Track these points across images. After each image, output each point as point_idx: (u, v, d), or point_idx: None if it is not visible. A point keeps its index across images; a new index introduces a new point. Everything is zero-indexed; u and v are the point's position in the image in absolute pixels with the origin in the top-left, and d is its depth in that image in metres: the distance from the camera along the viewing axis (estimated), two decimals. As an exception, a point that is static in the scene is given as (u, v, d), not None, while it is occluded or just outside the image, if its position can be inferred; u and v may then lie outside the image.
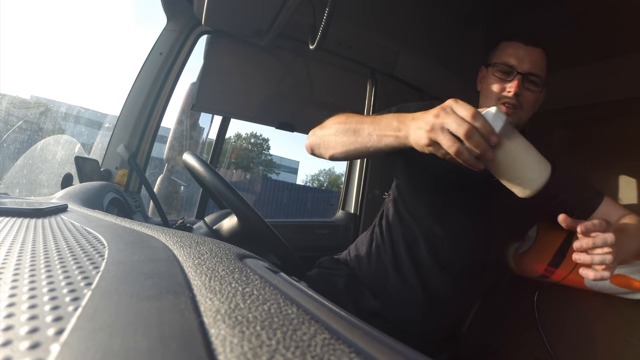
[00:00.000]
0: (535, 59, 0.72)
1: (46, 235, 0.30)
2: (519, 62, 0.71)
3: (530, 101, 0.72)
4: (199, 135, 1.51)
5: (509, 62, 0.72)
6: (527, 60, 0.71)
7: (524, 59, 0.71)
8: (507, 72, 0.72)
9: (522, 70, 0.71)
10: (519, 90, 0.70)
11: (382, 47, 1.46)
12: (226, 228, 0.73)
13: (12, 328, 0.13)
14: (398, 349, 0.16)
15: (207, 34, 1.23)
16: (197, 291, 0.17)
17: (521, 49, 0.72)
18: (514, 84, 0.70)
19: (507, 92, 0.71)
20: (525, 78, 0.71)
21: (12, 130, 1.27)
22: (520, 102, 0.71)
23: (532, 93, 0.72)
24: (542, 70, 0.73)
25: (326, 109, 1.47)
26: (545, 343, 1.09)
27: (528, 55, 0.71)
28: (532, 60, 0.71)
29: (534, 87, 0.72)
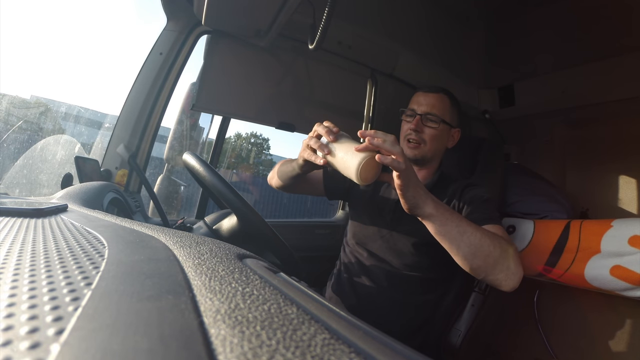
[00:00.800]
0: (432, 102, 0.88)
1: (46, 235, 0.30)
2: (418, 106, 0.89)
3: (431, 136, 0.87)
4: (199, 135, 1.51)
5: (411, 107, 0.91)
6: (424, 104, 0.89)
7: (422, 103, 0.89)
8: (411, 115, 0.90)
9: (420, 112, 0.88)
10: (416, 127, 0.87)
11: (382, 47, 1.46)
12: (226, 228, 0.73)
13: (12, 328, 0.13)
14: (398, 349, 0.16)
15: (207, 34, 1.23)
16: (197, 291, 0.17)
17: (421, 96, 0.90)
18: (413, 123, 0.87)
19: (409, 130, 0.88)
20: (424, 118, 0.87)
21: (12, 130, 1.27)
22: (422, 138, 0.87)
23: (431, 129, 0.87)
24: (440, 110, 0.88)
25: (326, 109, 1.48)
26: (545, 343, 1.09)
27: (426, 100, 0.89)
28: (429, 103, 0.88)
29: (433, 124, 0.87)
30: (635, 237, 0.88)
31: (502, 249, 0.64)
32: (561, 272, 1.01)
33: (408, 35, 1.48)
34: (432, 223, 0.63)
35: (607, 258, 0.92)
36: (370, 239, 0.91)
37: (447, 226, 0.63)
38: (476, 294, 0.99)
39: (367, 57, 1.50)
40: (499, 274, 0.64)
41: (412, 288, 0.87)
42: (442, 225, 0.63)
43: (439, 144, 0.89)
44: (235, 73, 1.25)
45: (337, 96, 1.50)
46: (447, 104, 0.90)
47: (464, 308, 0.98)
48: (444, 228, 0.63)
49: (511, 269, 0.65)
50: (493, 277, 0.65)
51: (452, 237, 0.63)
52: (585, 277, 0.95)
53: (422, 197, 0.61)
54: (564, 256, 1.01)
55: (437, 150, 0.90)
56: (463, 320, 0.96)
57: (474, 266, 0.64)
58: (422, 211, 0.62)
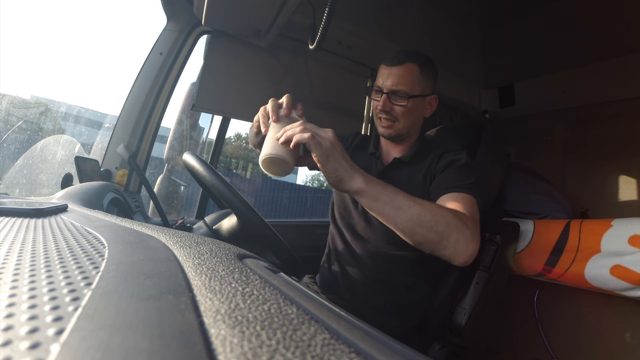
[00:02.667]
0: (398, 76, 0.81)
1: (46, 235, 0.30)
2: (383, 82, 0.83)
3: (402, 113, 0.82)
4: (199, 135, 1.51)
5: (377, 83, 0.85)
6: (389, 79, 0.82)
7: (387, 77, 0.82)
8: (378, 92, 0.84)
9: (386, 89, 0.82)
10: (384, 107, 0.82)
11: (382, 47, 1.46)
12: (226, 228, 0.73)
13: (12, 328, 0.13)
14: (398, 349, 0.16)
15: (207, 34, 1.23)
16: (197, 291, 0.17)
17: (385, 70, 0.83)
18: (381, 101, 0.83)
19: (378, 109, 0.84)
20: (390, 95, 0.82)
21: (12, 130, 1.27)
22: (393, 116, 0.83)
23: (400, 107, 0.82)
24: (408, 84, 0.81)
25: (326, 109, 1.48)
26: (545, 343, 1.10)
27: (390, 74, 0.82)
28: (395, 77, 0.81)
29: (401, 100, 0.81)
30: (635, 236, 0.89)
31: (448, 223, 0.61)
32: (561, 272, 1.01)
33: (408, 36, 1.48)
34: (363, 198, 0.60)
35: (607, 258, 0.92)
36: (354, 219, 0.91)
37: (380, 202, 0.60)
38: (481, 272, 0.99)
39: (367, 57, 1.50)
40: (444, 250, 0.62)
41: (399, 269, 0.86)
42: (374, 201, 0.60)
43: (413, 118, 0.85)
44: (235, 73, 1.25)
45: (337, 96, 1.50)
46: (415, 74, 0.82)
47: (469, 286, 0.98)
48: (377, 204, 0.60)
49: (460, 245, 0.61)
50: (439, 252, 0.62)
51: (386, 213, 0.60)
52: (586, 276, 0.95)
53: (346, 171, 0.58)
54: (564, 256, 1.01)
55: (413, 124, 0.86)
56: (468, 299, 0.96)
57: (415, 242, 0.62)
58: (348, 186, 0.59)
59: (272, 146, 0.59)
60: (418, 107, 0.85)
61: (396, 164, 0.88)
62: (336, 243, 0.95)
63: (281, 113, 0.64)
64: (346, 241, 0.92)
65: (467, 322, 0.93)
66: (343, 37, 1.37)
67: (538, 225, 1.11)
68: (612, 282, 0.90)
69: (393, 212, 0.60)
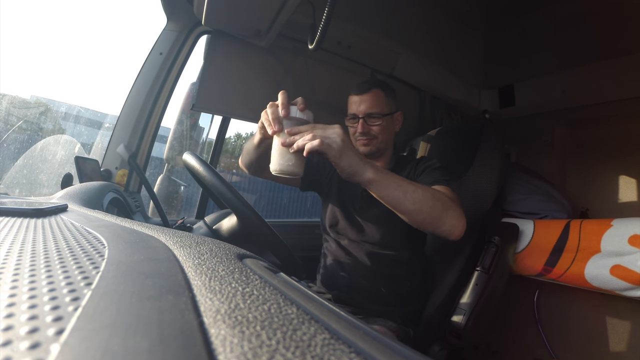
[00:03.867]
0: (369, 101, 0.92)
1: (46, 235, 0.30)
2: (357, 108, 0.93)
3: (380, 130, 0.93)
4: (199, 135, 1.51)
5: (350, 112, 0.95)
6: (362, 105, 0.93)
7: (360, 105, 0.93)
8: (353, 118, 0.95)
9: (361, 114, 0.92)
10: (363, 129, 0.92)
11: (382, 47, 1.46)
12: (226, 228, 0.73)
13: (12, 328, 0.13)
14: (398, 349, 0.16)
15: (207, 34, 1.23)
16: (197, 291, 0.17)
17: (356, 99, 0.94)
18: (359, 127, 0.93)
19: (357, 132, 0.94)
20: (366, 119, 0.92)
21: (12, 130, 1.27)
22: (372, 135, 0.93)
23: (377, 126, 0.93)
24: (378, 106, 0.93)
25: (326, 109, 1.48)
26: (545, 343, 1.10)
27: (362, 101, 0.93)
28: (366, 103, 0.92)
29: (376, 120, 0.92)
30: (635, 236, 0.89)
31: (443, 203, 0.71)
32: (561, 272, 1.01)
33: (408, 35, 1.48)
34: (375, 187, 0.66)
35: (607, 257, 0.92)
36: (346, 229, 0.97)
37: (390, 188, 0.67)
38: (480, 273, 0.99)
39: (367, 57, 1.50)
40: (444, 226, 0.72)
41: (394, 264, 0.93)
42: (385, 188, 0.67)
43: (388, 134, 0.96)
44: (235, 73, 1.25)
45: (337, 96, 1.50)
46: (382, 97, 0.93)
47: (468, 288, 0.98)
48: (387, 190, 0.67)
49: (454, 220, 0.72)
50: (439, 229, 0.72)
51: (396, 197, 0.68)
52: (586, 276, 0.95)
53: (359, 165, 0.64)
54: (564, 256, 1.01)
55: (388, 139, 0.97)
56: (467, 300, 0.96)
57: (420, 220, 0.71)
58: (361, 178, 0.65)
59: (280, 158, 0.62)
60: (390, 124, 0.96)
61: None
62: (331, 248, 0.99)
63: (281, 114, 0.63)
64: (341, 246, 0.97)
65: (466, 323, 0.93)
66: (343, 37, 1.37)
67: (538, 225, 1.11)
68: (612, 282, 0.90)
69: (402, 196, 0.68)
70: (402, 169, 0.96)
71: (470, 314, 0.94)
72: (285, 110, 0.62)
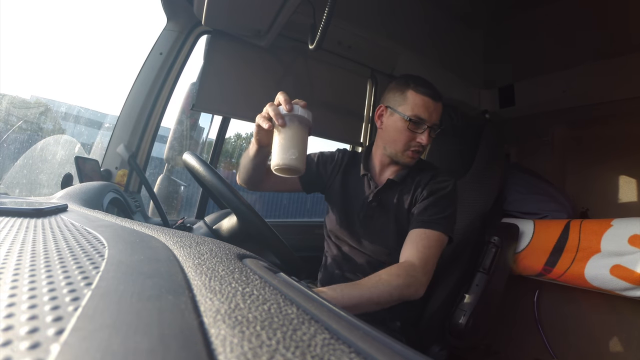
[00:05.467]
0: (439, 112, 0.85)
1: (46, 235, 0.30)
2: (429, 116, 0.83)
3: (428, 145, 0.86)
4: (199, 135, 1.51)
5: (420, 115, 0.83)
6: (434, 115, 0.84)
7: (433, 113, 0.83)
8: (418, 124, 0.83)
9: (431, 123, 0.83)
10: (428, 142, 0.84)
11: (382, 47, 1.46)
12: (226, 228, 0.73)
13: (12, 328, 0.13)
14: (398, 349, 0.16)
15: (207, 34, 1.23)
16: (197, 291, 0.17)
17: (431, 104, 0.83)
18: (425, 136, 0.83)
19: (418, 141, 0.84)
20: (432, 129, 0.84)
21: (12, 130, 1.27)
22: (423, 147, 0.85)
23: (432, 139, 0.86)
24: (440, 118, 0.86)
25: (326, 109, 1.48)
26: (545, 343, 1.10)
27: (435, 110, 0.84)
28: (438, 114, 0.85)
29: (433, 133, 0.85)
30: (635, 236, 0.89)
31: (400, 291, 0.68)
32: (561, 272, 1.01)
33: (408, 35, 1.48)
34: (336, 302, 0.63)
35: (607, 257, 0.92)
36: (347, 236, 0.93)
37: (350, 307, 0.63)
38: (480, 274, 0.99)
39: (367, 57, 1.50)
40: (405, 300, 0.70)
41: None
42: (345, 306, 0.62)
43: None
44: (235, 73, 1.25)
45: (337, 96, 1.50)
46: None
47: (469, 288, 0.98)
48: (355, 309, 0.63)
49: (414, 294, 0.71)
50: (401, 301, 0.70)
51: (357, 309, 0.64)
52: (586, 276, 0.95)
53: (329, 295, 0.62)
54: (564, 256, 1.01)
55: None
56: (467, 301, 0.96)
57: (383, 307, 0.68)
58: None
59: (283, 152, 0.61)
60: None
61: (389, 185, 0.89)
62: (332, 252, 0.97)
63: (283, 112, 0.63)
64: (341, 251, 0.95)
65: (466, 323, 0.94)
66: (343, 37, 1.37)
67: (538, 225, 1.11)
68: (612, 282, 0.90)
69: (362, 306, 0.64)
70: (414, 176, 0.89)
71: (471, 315, 0.94)
72: (289, 105, 0.62)
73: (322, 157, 1.02)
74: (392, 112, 0.86)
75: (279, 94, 0.65)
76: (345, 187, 0.97)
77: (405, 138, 0.84)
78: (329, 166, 1.00)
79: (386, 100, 0.90)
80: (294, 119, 0.63)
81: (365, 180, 0.94)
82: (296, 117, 0.63)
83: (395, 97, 0.87)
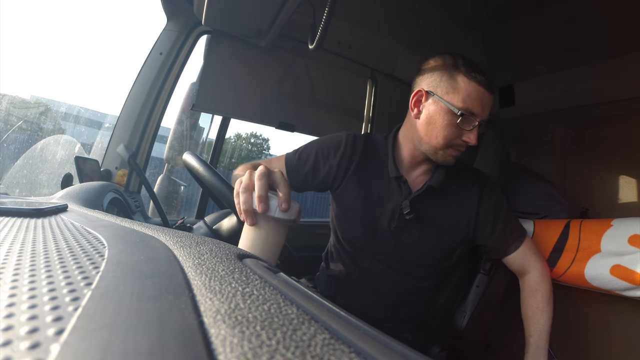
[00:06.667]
0: (491, 106, 0.71)
1: (46, 235, 0.30)
2: (482, 110, 0.68)
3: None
4: (199, 135, 1.51)
5: (473, 110, 0.68)
6: (487, 110, 0.69)
7: (486, 107, 0.69)
8: (468, 120, 0.68)
9: (483, 119, 0.69)
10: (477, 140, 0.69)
11: (382, 47, 1.46)
12: (226, 228, 0.73)
13: (12, 328, 0.13)
14: (398, 349, 0.16)
15: (207, 34, 1.23)
16: (197, 291, 0.17)
17: (486, 96, 0.68)
18: (474, 134, 0.68)
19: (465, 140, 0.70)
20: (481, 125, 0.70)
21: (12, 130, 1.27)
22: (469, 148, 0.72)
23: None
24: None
25: (326, 109, 1.48)
26: (545, 343, 1.09)
27: (489, 104, 0.70)
28: (489, 108, 0.70)
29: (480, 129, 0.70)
30: (635, 236, 0.88)
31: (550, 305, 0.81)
32: (561, 272, 1.01)
33: (408, 36, 1.48)
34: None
35: (607, 257, 0.92)
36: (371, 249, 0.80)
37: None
38: (481, 275, 0.99)
39: (367, 57, 1.50)
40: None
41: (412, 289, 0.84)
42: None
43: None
44: (235, 73, 1.25)
45: (337, 96, 1.50)
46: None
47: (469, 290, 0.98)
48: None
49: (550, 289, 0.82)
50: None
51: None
52: (586, 276, 0.95)
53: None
54: (564, 256, 1.01)
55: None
56: (468, 302, 0.96)
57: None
58: None
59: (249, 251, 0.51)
60: None
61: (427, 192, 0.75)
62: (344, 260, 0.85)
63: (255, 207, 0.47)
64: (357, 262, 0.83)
65: (467, 325, 0.93)
66: (343, 37, 1.37)
67: (538, 225, 1.11)
68: (612, 282, 0.90)
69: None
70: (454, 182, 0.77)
71: (471, 316, 0.94)
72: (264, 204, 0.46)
73: (321, 151, 0.82)
74: (437, 101, 0.69)
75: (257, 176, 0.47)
76: (365, 188, 0.79)
77: (450, 134, 0.69)
78: (333, 159, 0.81)
79: (426, 82, 0.72)
80: (269, 220, 0.48)
81: (396, 184, 0.77)
82: (272, 218, 0.47)
83: (442, 80, 0.69)
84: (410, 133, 0.76)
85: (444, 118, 0.69)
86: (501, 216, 0.79)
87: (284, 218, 0.47)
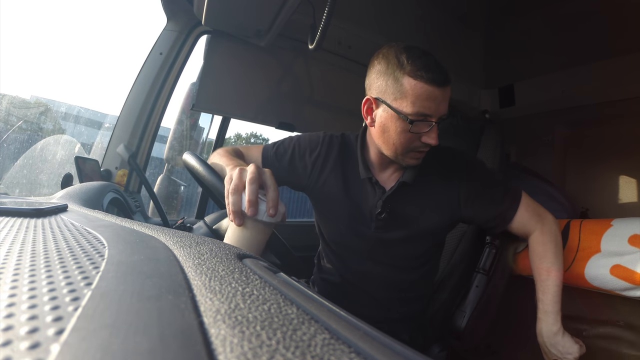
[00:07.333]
0: (447, 98, 0.65)
1: (46, 235, 0.30)
2: (437, 108, 0.63)
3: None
4: (199, 135, 1.51)
5: (425, 111, 0.62)
6: (442, 105, 0.64)
7: (441, 103, 0.64)
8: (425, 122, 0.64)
9: (439, 116, 0.64)
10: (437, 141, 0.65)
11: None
12: (226, 228, 0.73)
13: (12, 328, 0.13)
14: (398, 349, 0.16)
15: (207, 34, 1.23)
16: (197, 291, 0.17)
17: (437, 94, 0.62)
18: (433, 134, 0.64)
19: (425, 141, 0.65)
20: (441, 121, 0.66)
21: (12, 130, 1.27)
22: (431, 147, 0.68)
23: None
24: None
25: (326, 109, 1.48)
26: (545, 343, 1.09)
27: (444, 98, 0.63)
28: (446, 102, 0.65)
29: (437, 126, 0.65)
30: (635, 236, 0.88)
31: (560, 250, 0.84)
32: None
33: (408, 36, 1.48)
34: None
35: (607, 257, 0.92)
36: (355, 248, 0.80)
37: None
38: (480, 275, 0.99)
39: (367, 57, 1.50)
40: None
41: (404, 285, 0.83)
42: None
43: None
44: (235, 73, 1.25)
45: (337, 96, 1.50)
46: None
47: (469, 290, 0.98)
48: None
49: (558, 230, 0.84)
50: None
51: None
52: (586, 276, 0.95)
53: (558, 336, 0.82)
54: (564, 256, 1.01)
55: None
56: (467, 302, 0.96)
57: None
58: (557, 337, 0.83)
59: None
60: None
61: (401, 188, 0.74)
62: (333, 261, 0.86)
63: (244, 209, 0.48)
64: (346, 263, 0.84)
65: (466, 325, 0.93)
66: (343, 37, 1.37)
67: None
68: (612, 282, 0.90)
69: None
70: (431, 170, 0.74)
71: (470, 316, 0.94)
72: (253, 208, 0.48)
73: (299, 147, 0.81)
74: (386, 108, 0.65)
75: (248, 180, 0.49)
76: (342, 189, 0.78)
77: (406, 140, 0.66)
78: (308, 158, 0.79)
79: (374, 89, 0.68)
80: (257, 222, 0.50)
81: (368, 185, 0.77)
82: (260, 221, 0.50)
83: (388, 86, 0.65)
84: (372, 139, 0.74)
85: (397, 125, 0.65)
86: (489, 190, 0.76)
87: (271, 222, 0.50)
